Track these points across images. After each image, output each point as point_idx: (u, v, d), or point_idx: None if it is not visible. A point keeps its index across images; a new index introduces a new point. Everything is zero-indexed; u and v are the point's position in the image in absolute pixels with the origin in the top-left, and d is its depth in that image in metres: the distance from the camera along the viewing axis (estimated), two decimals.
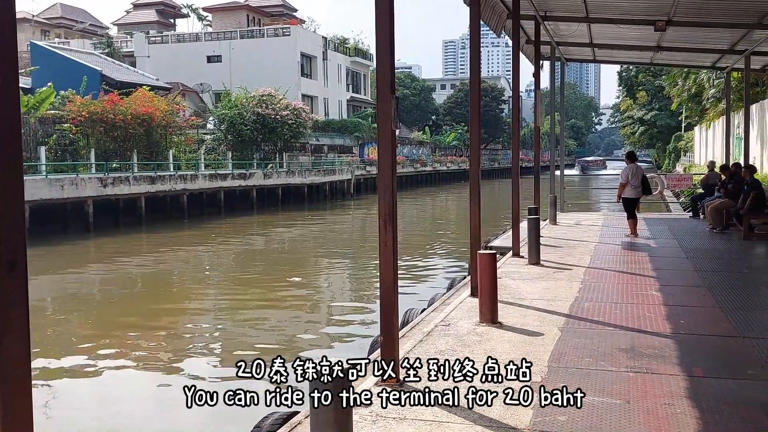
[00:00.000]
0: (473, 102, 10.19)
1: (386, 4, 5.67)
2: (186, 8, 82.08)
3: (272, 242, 28.35)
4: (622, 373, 6.08)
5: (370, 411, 5.23)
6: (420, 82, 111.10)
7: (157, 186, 33.08)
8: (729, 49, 18.70)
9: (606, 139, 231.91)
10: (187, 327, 13.83)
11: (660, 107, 64.99)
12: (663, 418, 5.06)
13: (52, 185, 27.46)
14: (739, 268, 12.17)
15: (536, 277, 11.01)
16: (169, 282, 19.31)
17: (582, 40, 18.67)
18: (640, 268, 11.83)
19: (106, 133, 33.93)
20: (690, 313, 8.39)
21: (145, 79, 47.53)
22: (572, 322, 8.02)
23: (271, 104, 44.93)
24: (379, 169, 5.83)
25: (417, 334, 7.59)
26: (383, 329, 5.86)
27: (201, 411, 9.30)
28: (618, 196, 16.03)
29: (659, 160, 71.20)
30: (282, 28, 63.64)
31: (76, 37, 74.77)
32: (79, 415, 9.05)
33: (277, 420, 5.89)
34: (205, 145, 43.31)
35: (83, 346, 12.28)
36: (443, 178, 79.13)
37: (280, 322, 13.92)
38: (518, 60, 14.30)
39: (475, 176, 10.00)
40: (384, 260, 5.79)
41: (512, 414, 5.14)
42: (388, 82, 5.76)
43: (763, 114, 25.68)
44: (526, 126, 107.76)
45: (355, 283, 18.59)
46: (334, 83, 69.84)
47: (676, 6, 14.02)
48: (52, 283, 18.87)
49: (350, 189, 53.00)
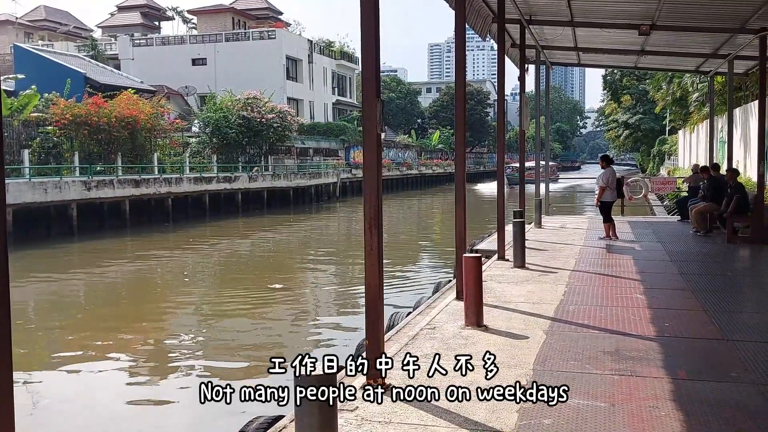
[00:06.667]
0: (458, 105, 10.20)
1: (371, 7, 5.67)
2: (171, 11, 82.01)
3: (257, 246, 28.26)
4: (606, 376, 6.10)
5: (355, 415, 5.23)
6: (406, 85, 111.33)
7: (142, 189, 32.91)
8: (712, 53, 18.84)
9: (591, 143, 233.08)
10: (170, 331, 13.75)
11: (644, 111, 65.39)
12: (647, 421, 5.08)
13: (35, 188, 27.26)
14: (723, 270, 12.25)
15: (521, 280, 11.04)
16: (153, 286, 19.21)
17: (567, 44, 18.77)
18: (624, 271, 11.88)
19: (90, 136, 33.73)
20: (674, 316, 8.43)
21: (129, 81, 47.30)
22: (557, 325, 8.04)
23: (256, 107, 44.84)
24: (365, 172, 5.82)
25: (402, 337, 7.58)
26: (368, 333, 5.85)
27: (186, 414, 9.29)
28: (597, 200, 16.05)
29: (643, 164, 71.64)
30: (267, 31, 63.55)
31: (59, 39, 74.33)
32: (62, 419, 8.98)
33: (263, 423, 5.88)
34: (190, 148, 43.15)
35: (66, 349, 12.18)
36: (429, 181, 79.24)
37: (264, 326, 13.88)
38: (503, 63, 14.35)
39: (461, 180, 10.02)
40: (369, 264, 5.78)
41: (497, 417, 5.15)
42: (374, 85, 5.76)
43: (747, 118, 25.87)
44: (511, 129, 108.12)
45: (341, 286, 18.56)
46: (319, 86, 69.81)
47: (660, 11, 14.11)
48: (35, 287, 18.72)
49: (336, 192, 52.96)
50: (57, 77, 38.92)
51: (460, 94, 10.20)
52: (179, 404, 9.45)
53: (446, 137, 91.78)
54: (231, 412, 8.57)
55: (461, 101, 10.17)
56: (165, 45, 64.64)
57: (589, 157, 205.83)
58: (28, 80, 37.06)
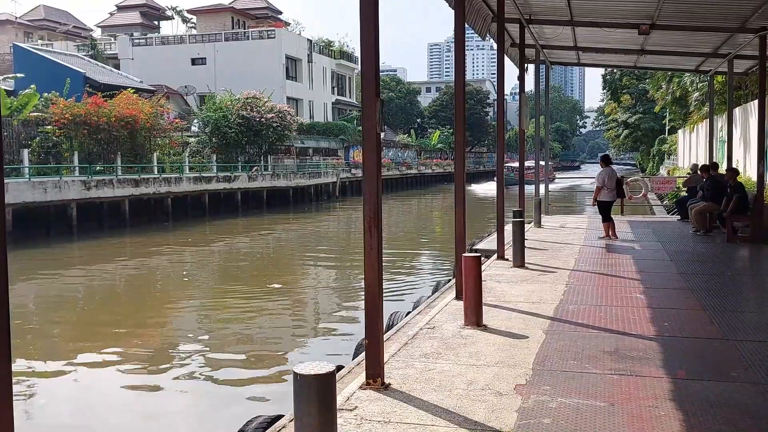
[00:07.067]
0: (458, 105, 10.19)
1: (371, 7, 5.66)
2: (170, 10, 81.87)
3: (257, 245, 28.25)
4: (606, 376, 6.10)
5: (354, 414, 5.22)
6: (405, 85, 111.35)
7: (141, 189, 32.91)
8: (712, 52, 18.84)
9: (590, 142, 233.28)
10: (170, 331, 13.75)
11: (644, 110, 65.38)
12: (647, 421, 5.07)
13: (35, 188, 27.26)
14: (723, 270, 12.24)
15: (521, 280, 11.03)
16: (153, 285, 19.20)
17: (566, 44, 18.77)
18: (624, 270, 11.88)
19: (90, 135, 33.71)
20: (674, 316, 8.42)
21: (129, 81, 47.25)
22: (557, 324, 8.04)
23: (255, 107, 44.83)
24: (364, 172, 5.81)
25: (402, 337, 7.58)
26: (368, 332, 5.85)
27: (186, 413, 9.28)
28: (594, 199, 16.13)
29: (643, 163, 71.62)
30: (267, 30, 63.52)
31: (59, 39, 74.33)
32: (61, 418, 8.97)
33: (262, 423, 5.88)
34: (190, 147, 43.12)
35: (65, 349, 12.18)
36: (429, 180, 79.24)
37: (264, 325, 13.87)
38: (503, 63, 14.35)
39: (460, 180, 10.02)
40: (369, 264, 5.77)
41: (497, 417, 5.14)
42: (373, 85, 5.76)
43: (747, 117, 25.86)
44: (511, 129, 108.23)
45: (340, 286, 18.55)
46: (319, 86, 69.80)
47: (660, 10, 14.11)
48: (34, 286, 18.71)
49: (335, 192, 52.95)
50: (56, 77, 38.91)
51: (460, 94, 10.20)
52: (179, 403, 9.45)
53: (446, 137, 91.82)
54: (231, 412, 8.59)
55: (461, 101, 10.17)
56: (164, 45, 64.61)
57: (589, 156, 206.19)
58: (28, 80, 37.04)
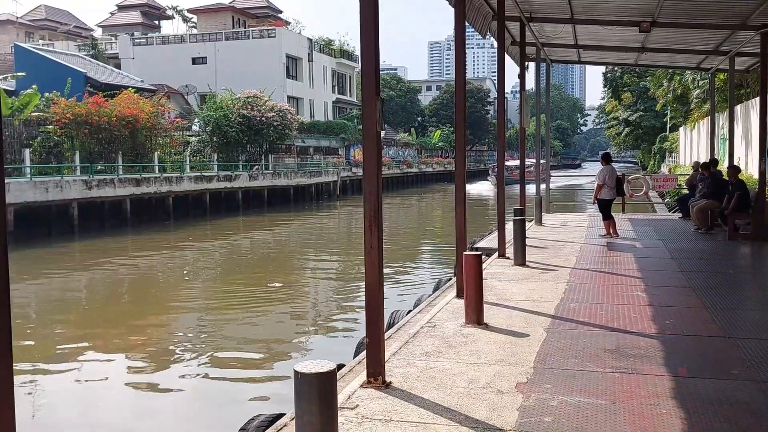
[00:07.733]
0: (458, 103, 10.18)
1: (371, 6, 5.66)
2: (171, 10, 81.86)
3: (258, 244, 28.26)
4: (607, 374, 6.09)
5: (355, 413, 5.22)
6: (405, 83, 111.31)
7: (143, 188, 32.95)
8: (713, 50, 18.81)
9: (591, 140, 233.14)
10: (171, 330, 13.75)
11: (645, 108, 65.29)
12: (648, 419, 5.07)
13: (36, 187, 27.28)
14: (724, 268, 12.22)
15: (522, 278, 11.03)
16: (154, 284, 19.21)
17: (567, 42, 18.74)
18: (625, 268, 11.86)
19: (91, 135, 33.76)
20: (675, 314, 8.41)
21: (129, 80, 47.27)
22: (558, 323, 8.03)
23: (256, 106, 44.86)
24: (365, 171, 5.81)
25: (403, 335, 7.58)
26: (369, 331, 5.85)
27: (187, 413, 9.28)
28: (594, 197, 16.13)
29: (644, 161, 71.53)
30: (267, 29, 63.51)
31: (60, 39, 74.34)
32: (62, 418, 8.98)
33: (263, 422, 5.88)
34: (191, 147, 43.16)
35: (66, 348, 12.19)
36: (429, 179, 79.26)
37: (265, 323, 13.88)
38: (503, 61, 14.34)
39: (461, 178, 10.01)
40: (369, 262, 5.77)
41: (498, 415, 5.14)
42: (374, 83, 5.75)
43: (748, 114, 25.83)
44: (511, 127, 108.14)
45: (341, 284, 18.56)
46: (319, 85, 69.79)
47: (660, 8, 14.08)
48: (35, 286, 18.73)
49: (336, 190, 52.96)
50: (57, 77, 38.93)
51: (460, 92, 10.19)
52: (180, 402, 9.46)
53: (446, 135, 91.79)
54: (232, 410, 8.60)
55: (461, 99, 10.16)
56: (165, 44, 64.63)
57: (590, 154, 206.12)
58: (29, 80, 37.07)
